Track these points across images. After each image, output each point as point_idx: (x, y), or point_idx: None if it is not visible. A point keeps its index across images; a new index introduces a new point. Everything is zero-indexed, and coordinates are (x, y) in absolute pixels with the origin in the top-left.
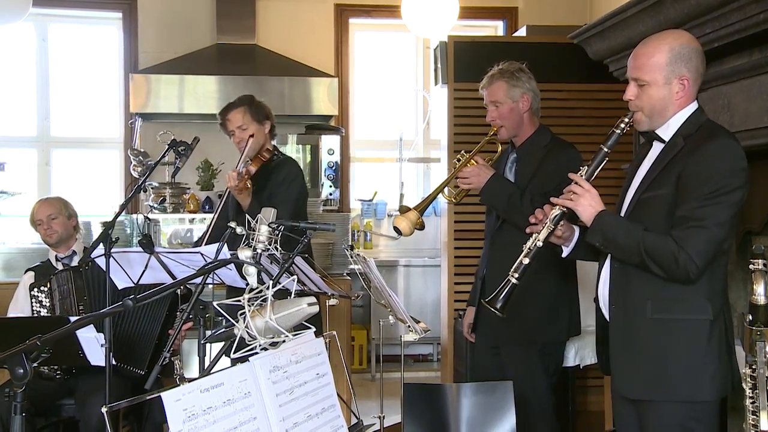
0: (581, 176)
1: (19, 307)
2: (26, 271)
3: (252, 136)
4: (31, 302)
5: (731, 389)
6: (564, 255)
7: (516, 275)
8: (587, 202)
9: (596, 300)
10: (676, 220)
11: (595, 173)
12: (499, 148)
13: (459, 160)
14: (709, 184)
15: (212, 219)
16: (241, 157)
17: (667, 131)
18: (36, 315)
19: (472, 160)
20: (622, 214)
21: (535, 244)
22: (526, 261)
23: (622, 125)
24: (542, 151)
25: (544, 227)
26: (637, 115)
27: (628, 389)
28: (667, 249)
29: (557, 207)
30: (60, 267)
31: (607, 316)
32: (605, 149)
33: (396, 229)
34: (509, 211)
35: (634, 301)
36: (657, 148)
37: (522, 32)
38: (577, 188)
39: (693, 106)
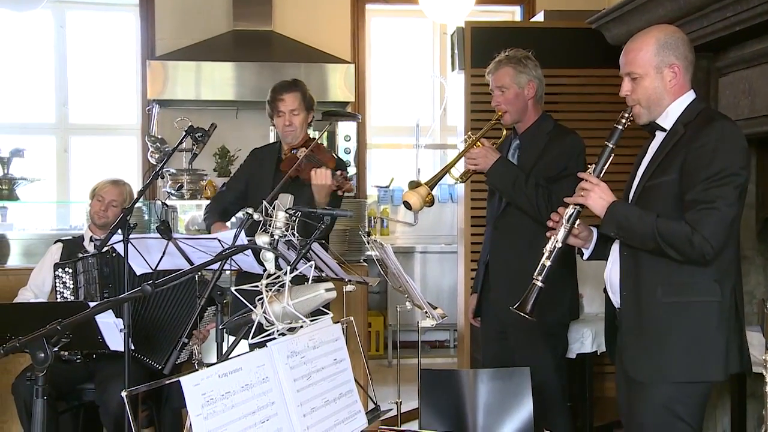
0: (590, 173)
1: (42, 276)
2: (56, 242)
3: (312, 150)
4: (55, 281)
5: (739, 369)
6: (585, 257)
7: (540, 278)
8: (597, 195)
9: (605, 291)
10: (686, 203)
11: (604, 169)
12: (504, 133)
13: (465, 141)
14: (713, 167)
15: (268, 199)
16: (305, 154)
17: (666, 120)
18: (59, 294)
19: (478, 143)
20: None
21: (555, 246)
22: (548, 263)
23: (623, 120)
24: (545, 138)
25: (561, 228)
26: (635, 108)
27: (637, 372)
28: (681, 232)
29: (571, 206)
30: (91, 248)
31: (615, 303)
32: (610, 145)
33: (406, 203)
34: (514, 193)
35: (644, 287)
36: (659, 137)
37: (539, 17)
38: (586, 184)
39: (690, 95)
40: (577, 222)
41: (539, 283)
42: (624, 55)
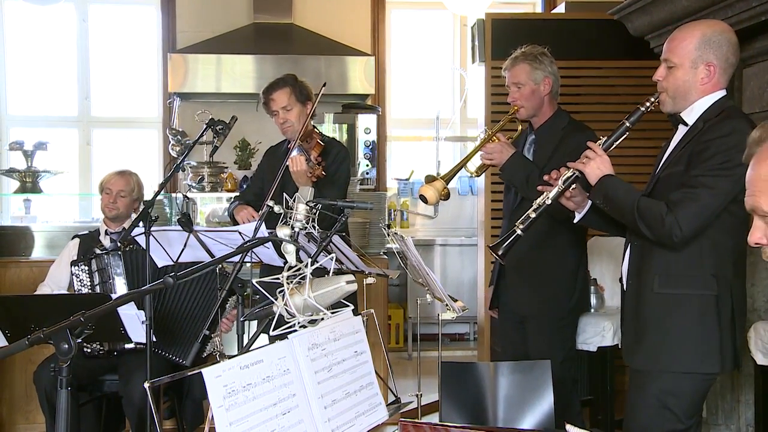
0: (598, 144)
1: (60, 272)
2: (73, 238)
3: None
4: (72, 278)
5: (732, 364)
6: (575, 220)
7: (522, 227)
8: (596, 165)
9: (621, 281)
10: (677, 186)
11: (614, 144)
12: (519, 128)
13: (484, 135)
14: (713, 158)
15: (266, 196)
16: (293, 145)
17: (690, 115)
18: (77, 291)
19: (494, 137)
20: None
21: (544, 201)
22: (533, 215)
23: (647, 104)
24: (560, 134)
25: (555, 187)
26: (662, 95)
27: (631, 359)
28: (656, 210)
29: (570, 170)
30: (107, 242)
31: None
32: (627, 123)
33: (422, 197)
34: (528, 189)
35: (645, 276)
36: (681, 131)
37: (561, 9)
38: (590, 153)
39: (719, 93)
40: (573, 186)
41: (519, 231)
42: (667, 41)
